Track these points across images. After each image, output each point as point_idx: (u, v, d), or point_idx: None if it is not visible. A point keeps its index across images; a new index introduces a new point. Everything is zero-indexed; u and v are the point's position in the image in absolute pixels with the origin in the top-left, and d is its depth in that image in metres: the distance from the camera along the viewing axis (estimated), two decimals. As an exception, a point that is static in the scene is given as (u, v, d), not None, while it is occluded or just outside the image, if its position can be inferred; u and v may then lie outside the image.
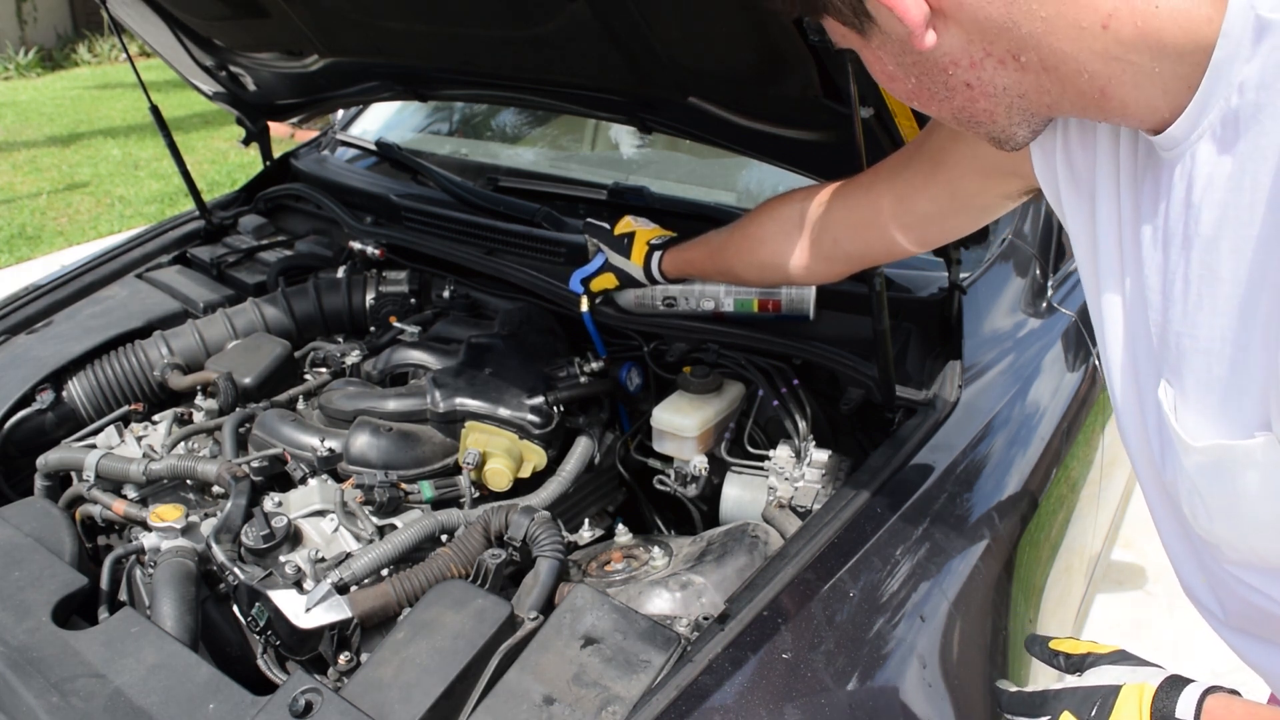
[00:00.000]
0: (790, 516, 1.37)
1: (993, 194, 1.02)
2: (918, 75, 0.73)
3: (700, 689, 0.95)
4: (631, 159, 2.28)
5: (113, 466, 1.45)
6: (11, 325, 1.84)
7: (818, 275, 1.30)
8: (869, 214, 1.16)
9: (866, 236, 1.18)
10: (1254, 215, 0.61)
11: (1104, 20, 0.62)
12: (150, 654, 1.08)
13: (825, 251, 1.24)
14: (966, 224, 1.13)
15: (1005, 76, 0.69)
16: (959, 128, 0.78)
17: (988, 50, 0.67)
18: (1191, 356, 0.70)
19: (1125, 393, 0.83)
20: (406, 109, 2.50)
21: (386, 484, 1.39)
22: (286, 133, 5.28)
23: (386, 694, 0.99)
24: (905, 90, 0.76)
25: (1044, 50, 0.65)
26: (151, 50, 2.03)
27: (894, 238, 1.15)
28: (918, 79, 0.73)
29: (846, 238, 1.21)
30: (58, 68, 11.46)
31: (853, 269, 1.27)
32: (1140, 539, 2.70)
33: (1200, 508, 0.75)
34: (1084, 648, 0.99)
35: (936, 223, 1.11)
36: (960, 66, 0.69)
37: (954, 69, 0.70)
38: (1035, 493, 1.41)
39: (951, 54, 0.69)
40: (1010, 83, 0.69)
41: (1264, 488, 0.68)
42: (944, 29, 0.67)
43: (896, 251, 1.18)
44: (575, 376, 1.59)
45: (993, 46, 0.67)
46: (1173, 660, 0.95)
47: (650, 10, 1.19)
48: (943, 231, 1.15)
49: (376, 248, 1.93)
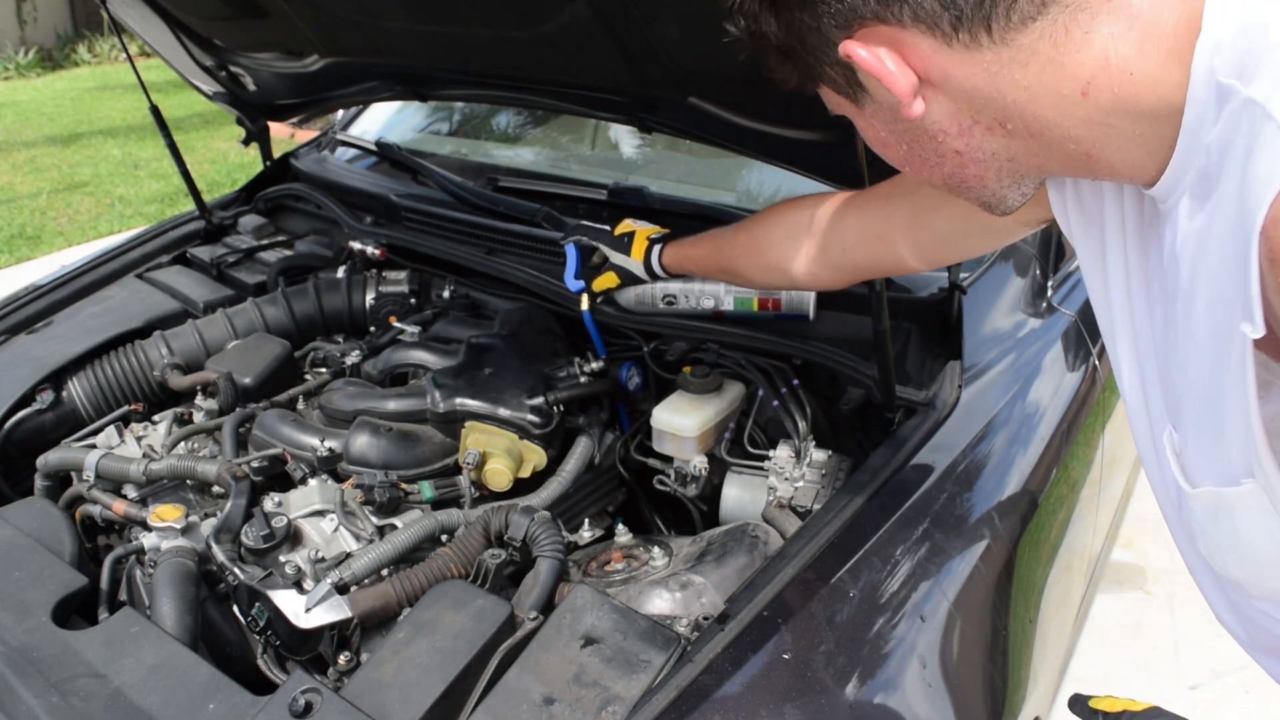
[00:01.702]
0: (790, 516, 1.37)
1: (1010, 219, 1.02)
2: (909, 142, 0.75)
3: (700, 689, 0.95)
4: (631, 159, 2.28)
5: (113, 466, 1.45)
6: (11, 325, 1.84)
7: (820, 282, 1.30)
8: (883, 226, 1.16)
9: (877, 249, 1.19)
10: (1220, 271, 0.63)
11: (1083, 88, 0.64)
12: (150, 654, 1.08)
13: (832, 259, 1.24)
14: (979, 246, 1.14)
15: (993, 142, 0.71)
16: (951, 193, 0.79)
17: (975, 118, 0.69)
18: (1188, 406, 0.73)
19: (1141, 436, 0.85)
20: (406, 109, 2.49)
21: (386, 484, 1.39)
22: (286, 133, 5.28)
23: (386, 694, 0.99)
24: (898, 156, 0.78)
25: (1028, 118, 0.67)
26: (151, 50, 2.03)
27: (903, 253, 1.15)
28: (909, 145, 0.75)
29: (856, 247, 1.21)
30: (58, 68, 11.45)
31: (855, 280, 1.28)
32: (1140, 539, 2.70)
33: (1214, 548, 0.77)
34: (1120, 705, 1.03)
35: (950, 242, 1.12)
36: (949, 134, 0.71)
37: (943, 136, 0.72)
38: (1035, 493, 1.41)
39: (940, 122, 0.71)
40: (999, 148, 0.71)
41: (1259, 531, 0.70)
42: (932, 98, 0.69)
43: (904, 268, 1.19)
44: (575, 376, 1.59)
45: (979, 115, 0.69)
46: (1173, 660, 0.96)
47: (650, 10, 1.19)
48: (954, 251, 1.15)
49: (376, 248, 1.93)
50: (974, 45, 0.65)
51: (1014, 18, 0.63)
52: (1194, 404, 0.72)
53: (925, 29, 0.65)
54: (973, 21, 0.64)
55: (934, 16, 0.64)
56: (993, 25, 0.63)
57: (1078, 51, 0.63)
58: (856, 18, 0.67)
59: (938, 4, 0.64)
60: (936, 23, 0.64)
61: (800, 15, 0.70)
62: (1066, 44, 0.63)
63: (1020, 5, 0.62)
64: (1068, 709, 1.10)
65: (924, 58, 0.67)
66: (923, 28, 0.65)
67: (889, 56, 0.67)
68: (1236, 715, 2.15)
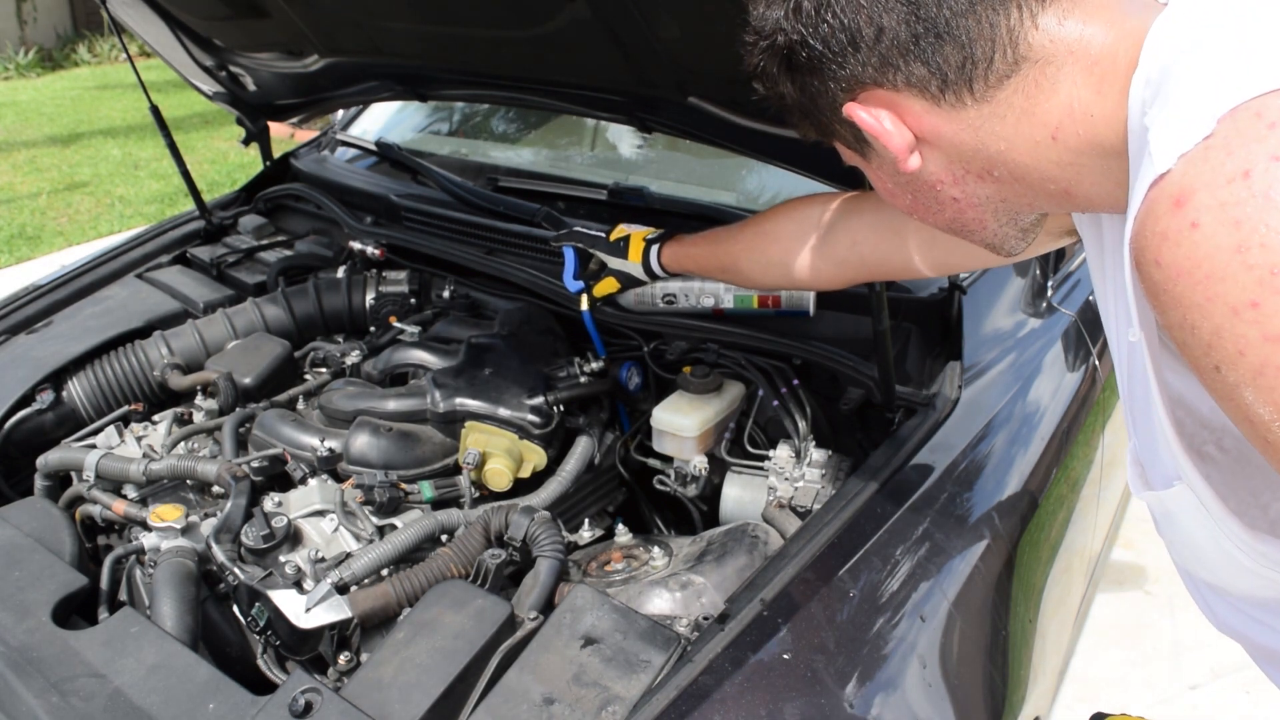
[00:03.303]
0: (790, 516, 1.37)
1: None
2: (913, 192, 0.82)
3: (700, 689, 0.95)
4: (631, 159, 2.28)
5: (113, 466, 1.45)
6: (11, 325, 1.84)
7: (824, 279, 1.30)
8: (897, 220, 1.17)
9: (888, 245, 1.19)
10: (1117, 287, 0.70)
11: (1053, 133, 0.70)
12: (150, 654, 1.08)
13: (839, 254, 1.25)
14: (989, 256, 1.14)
15: (985, 189, 0.78)
16: (957, 236, 0.86)
17: (966, 168, 0.77)
18: (1134, 414, 0.82)
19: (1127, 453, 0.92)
20: (406, 109, 2.49)
21: (386, 484, 1.39)
22: (286, 133, 5.28)
23: (386, 694, 0.99)
24: (905, 204, 0.85)
25: (1010, 164, 0.74)
26: (151, 50, 2.03)
27: (912, 253, 1.16)
28: (913, 195, 0.83)
29: (866, 241, 1.22)
30: (58, 68, 11.45)
31: (859, 278, 1.27)
32: (1140, 539, 2.70)
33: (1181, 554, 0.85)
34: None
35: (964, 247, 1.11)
36: (946, 183, 0.79)
37: (941, 185, 0.79)
38: (1035, 493, 1.41)
39: (936, 173, 0.78)
40: (991, 192, 0.78)
41: (1198, 531, 0.76)
42: (927, 154, 0.77)
43: (910, 268, 1.19)
44: (575, 376, 1.59)
45: (969, 165, 0.76)
46: (1173, 660, 0.97)
47: (650, 10, 1.19)
48: (966, 258, 1.16)
49: (376, 248, 1.93)
50: (959, 104, 0.72)
51: (991, 77, 0.70)
52: (1137, 412, 0.81)
53: (917, 92, 0.73)
54: (957, 84, 0.71)
55: (924, 81, 0.72)
56: (974, 85, 0.71)
57: (1046, 101, 0.69)
58: (858, 83, 0.75)
59: (926, 70, 0.71)
60: (926, 86, 0.72)
61: (811, 80, 0.77)
62: (1037, 95, 0.69)
63: (996, 65, 0.69)
64: None
65: (918, 118, 0.74)
66: (915, 91, 0.73)
67: (887, 117, 0.75)
68: (1236, 715, 2.15)
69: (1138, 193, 0.61)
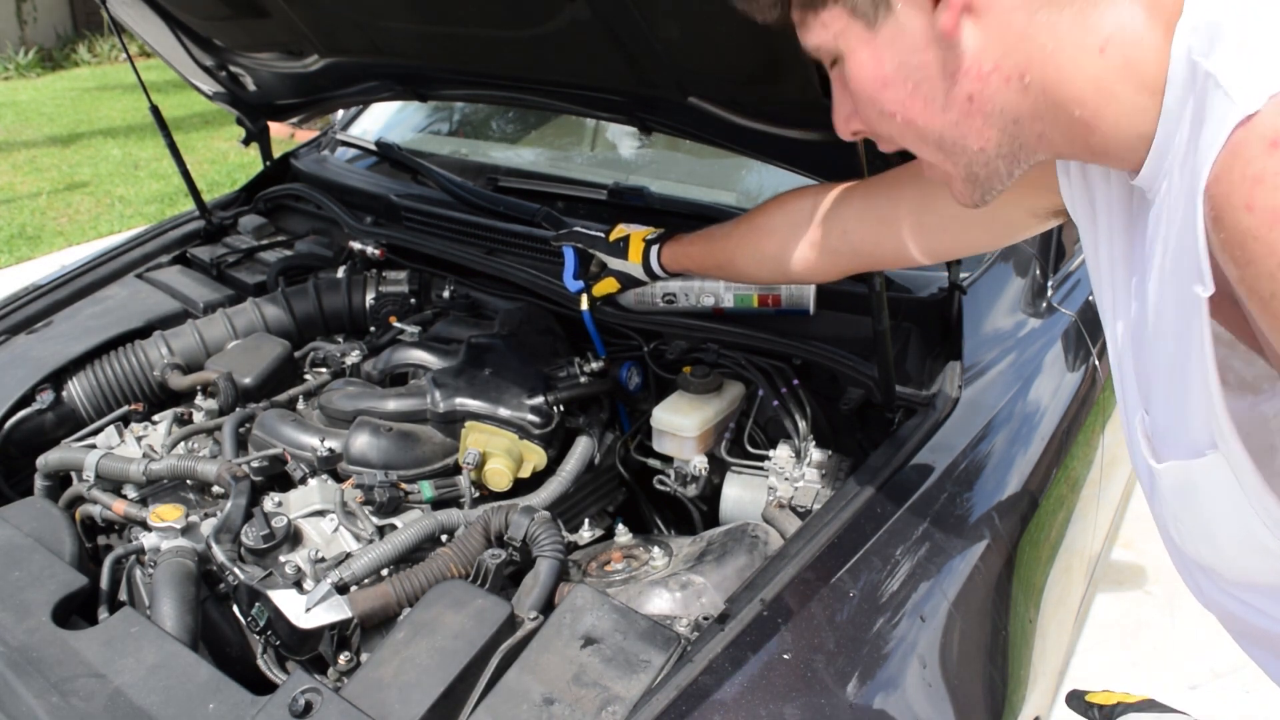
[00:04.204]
0: (790, 516, 1.37)
1: (1019, 207, 1.01)
2: (918, 80, 0.73)
3: (700, 689, 0.95)
4: (631, 159, 2.28)
5: (113, 466, 1.45)
6: (11, 325, 1.84)
7: (819, 271, 1.29)
8: (887, 206, 1.15)
9: (879, 233, 1.17)
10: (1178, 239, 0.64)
11: (1101, 45, 0.65)
12: (150, 654, 1.08)
13: (832, 244, 1.23)
14: (984, 239, 1.12)
15: (1005, 96, 0.70)
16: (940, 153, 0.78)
17: (998, 63, 0.69)
18: (1157, 383, 0.74)
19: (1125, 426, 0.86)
20: (406, 109, 2.49)
21: (386, 484, 1.39)
22: (286, 133, 5.27)
23: (386, 694, 0.99)
24: (898, 97, 0.75)
25: (1048, 72, 0.68)
26: (151, 50, 2.03)
27: (905, 239, 1.13)
28: (915, 84, 0.73)
29: (857, 229, 1.20)
30: (58, 68, 11.44)
31: (853, 268, 1.26)
32: (1140, 539, 2.70)
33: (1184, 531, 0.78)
34: (1115, 698, 1.05)
35: (954, 230, 1.10)
36: (969, 76, 0.70)
37: (961, 77, 0.71)
38: (1035, 492, 1.41)
39: (964, 58, 0.70)
40: (1008, 104, 0.71)
41: (1221, 506, 0.71)
42: (968, 28, 0.69)
43: (903, 256, 1.16)
44: (575, 376, 1.59)
45: (1004, 60, 0.69)
46: (1173, 660, 0.96)
47: (650, 10, 1.19)
48: (957, 242, 1.14)
49: (376, 248, 1.93)
50: None
51: None
52: (1162, 380, 0.73)
53: None
54: None
55: None
56: None
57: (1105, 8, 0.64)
58: None
59: None
60: None
61: None
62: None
63: None
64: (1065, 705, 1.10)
65: None
66: None
67: None
68: (1236, 715, 2.15)
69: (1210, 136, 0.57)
